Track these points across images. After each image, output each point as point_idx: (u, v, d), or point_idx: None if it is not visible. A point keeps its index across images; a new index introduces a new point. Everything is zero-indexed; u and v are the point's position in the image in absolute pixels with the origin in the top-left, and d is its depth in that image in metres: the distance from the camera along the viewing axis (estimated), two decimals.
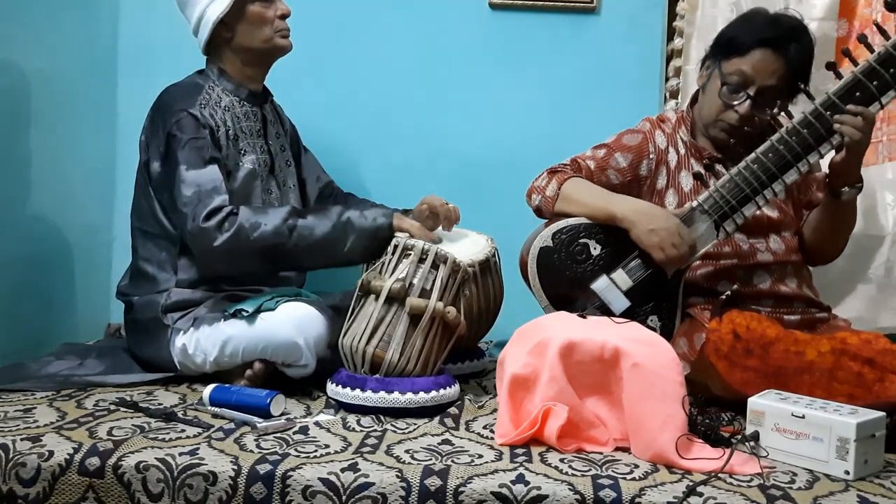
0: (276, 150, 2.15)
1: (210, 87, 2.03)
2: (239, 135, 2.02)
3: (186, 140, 1.91)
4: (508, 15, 2.56)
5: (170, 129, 1.92)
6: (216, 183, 1.89)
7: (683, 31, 2.46)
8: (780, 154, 1.80)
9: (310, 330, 1.85)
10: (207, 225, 1.84)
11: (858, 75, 1.74)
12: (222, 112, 2.00)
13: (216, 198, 1.87)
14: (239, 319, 1.86)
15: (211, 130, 1.94)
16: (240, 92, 2.07)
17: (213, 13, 1.98)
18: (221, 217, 1.85)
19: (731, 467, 1.41)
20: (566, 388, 1.55)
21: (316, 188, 2.30)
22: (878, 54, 1.73)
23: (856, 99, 1.75)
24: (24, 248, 2.14)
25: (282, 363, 1.88)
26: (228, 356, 1.88)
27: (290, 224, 1.87)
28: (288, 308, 1.87)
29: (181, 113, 1.93)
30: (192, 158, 1.90)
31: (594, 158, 2.02)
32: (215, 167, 1.92)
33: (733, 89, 1.90)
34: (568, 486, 1.33)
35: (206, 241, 1.85)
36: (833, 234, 2.02)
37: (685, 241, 1.82)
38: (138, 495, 1.39)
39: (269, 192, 2.08)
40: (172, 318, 1.93)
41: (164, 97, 2.01)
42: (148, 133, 2.01)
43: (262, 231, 1.85)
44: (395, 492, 1.34)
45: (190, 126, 1.92)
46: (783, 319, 1.86)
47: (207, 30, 2.00)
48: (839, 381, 1.59)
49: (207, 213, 1.85)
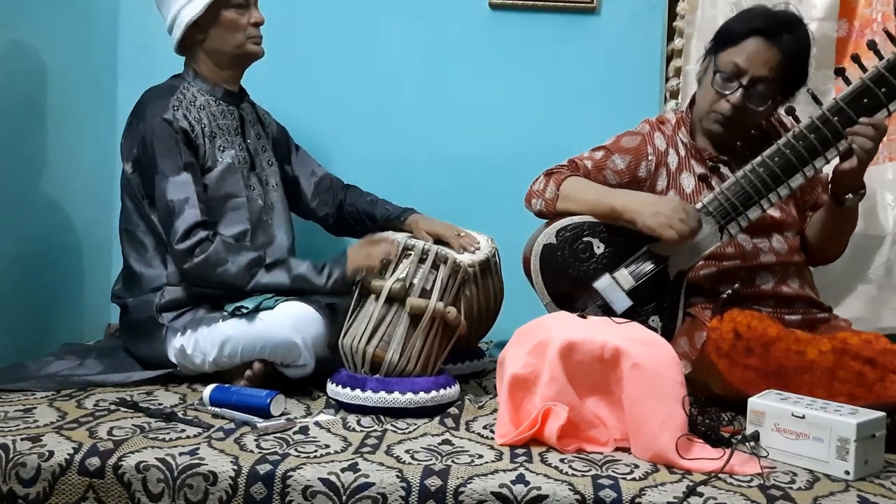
0: (255, 150, 2.15)
1: (185, 87, 2.05)
2: (216, 132, 2.03)
3: (160, 146, 1.93)
4: (508, 15, 2.55)
5: (143, 135, 1.95)
6: (189, 194, 1.92)
7: (683, 31, 2.46)
8: (787, 158, 1.79)
9: (308, 329, 1.85)
10: (180, 247, 1.89)
11: (867, 81, 1.73)
12: (197, 111, 2.01)
13: (188, 212, 1.90)
14: (238, 319, 1.87)
15: (185, 133, 1.96)
16: (215, 92, 2.09)
17: (187, 15, 2.01)
18: (195, 241, 1.89)
19: (731, 467, 1.41)
20: (566, 389, 1.55)
21: (311, 184, 2.30)
22: (887, 61, 1.72)
23: (863, 105, 1.74)
24: (24, 248, 2.14)
25: (280, 363, 1.88)
26: (227, 356, 1.88)
27: (252, 272, 1.91)
28: (286, 307, 1.87)
29: (155, 119, 1.95)
30: (166, 165, 1.93)
31: (592, 159, 2.02)
32: (189, 176, 1.94)
33: (726, 77, 1.90)
34: (568, 486, 1.33)
35: (179, 261, 1.92)
36: (834, 237, 2.02)
37: (691, 215, 1.81)
38: (138, 495, 1.39)
39: (250, 187, 2.08)
40: (167, 317, 1.93)
41: (140, 101, 2.04)
42: (126, 136, 2.04)
43: (226, 269, 1.89)
44: (396, 492, 1.34)
45: (163, 132, 1.94)
46: (784, 319, 1.85)
47: (180, 30, 2.04)
48: (840, 381, 1.59)
49: (183, 232, 1.89)
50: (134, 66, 2.56)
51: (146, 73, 2.20)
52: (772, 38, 1.86)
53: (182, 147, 1.94)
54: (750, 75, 1.87)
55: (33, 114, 2.20)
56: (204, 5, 2.00)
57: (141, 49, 2.56)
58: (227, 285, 1.91)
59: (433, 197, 2.40)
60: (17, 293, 2.11)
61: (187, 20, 2.01)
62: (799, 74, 1.91)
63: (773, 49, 1.86)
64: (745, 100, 1.88)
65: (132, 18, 2.57)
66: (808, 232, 2.03)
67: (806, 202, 2.04)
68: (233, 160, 2.04)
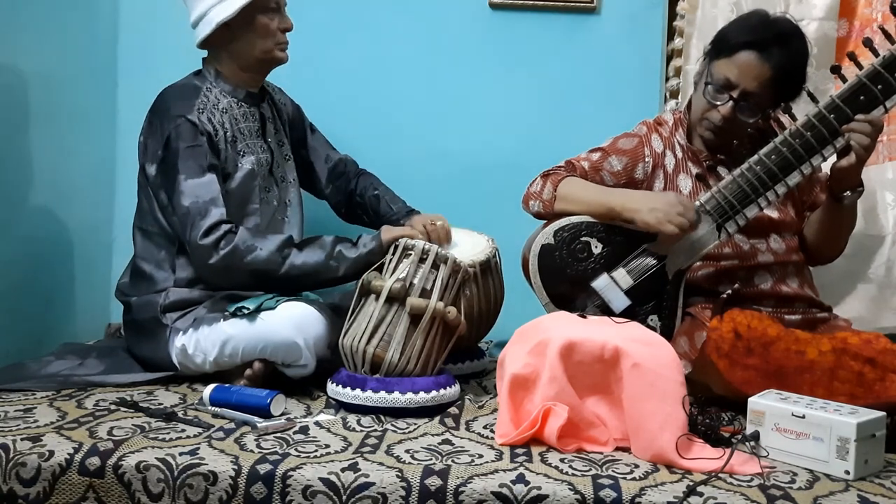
0: (275, 147, 2.15)
1: (208, 88, 2.03)
2: (237, 136, 2.02)
3: (184, 148, 1.92)
4: (508, 15, 2.56)
5: (168, 135, 1.93)
6: (213, 194, 1.91)
7: (684, 30, 2.46)
8: (783, 156, 1.80)
9: (309, 330, 1.85)
10: (204, 242, 1.87)
11: (863, 79, 1.73)
12: (220, 115, 2.00)
13: (213, 211, 1.89)
14: (239, 319, 1.86)
15: (209, 136, 1.94)
16: (237, 93, 2.07)
17: (218, 15, 1.97)
18: (219, 235, 1.88)
19: (731, 467, 1.41)
20: (566, 388, 1.55)
21: (325, 169, 2.31)
22: (883, 58, 1.72)
23: (860, 102, 1.74)
24: (24, 248, 2.14)
25: (281, 363, 1.88)
26: (228, 356, 1.88)
27: (285, 254, 1.90)
28: (288, 308, 1.87)
29: (179, 119, 1.93)
30: (190, 167, 1.91)
31: (589, 160, 2.02)
32: (213, 176, 1.93)
33: (717, 89, 1.90)
34: (568, 486, 1.33)
35: (202, 258, 1.89)
36: (834, 235, 2.01)
37: (688, 208, 1.81)
38: (139, 495, 1.39)
39: (267, 190, 2.08)
40: (171, 317, 1.93)
41: (162, 99, 2.01)
42: (146, 135, 2.01)
43: (256, 255, 1.88)
44: (396, 492, 1.34)
45: (188, 133, 1.93)
46: (784, 319, 1.85)
47: (208, 28, 1.99)
48: (840, 381, 1.59)
49: (206, 229, 1.87)
50: (134, 67, 2.56)
51: (146, 73, 2.21)
52: (764, 52, 1.85)
53: (206, 149, 1.93)
54: (741, 89, 1.87)
55: (32, 114, 2.19)
56: (238, 7, 1.96)
57: (141, 50, 2.56)
58: (259, 272, 1.90)
59: (433, 196, 2.40)
60: (17, 293, 2.11)
61: (218, 20, 1.97)
62: (792, 87, 1.89)
63: (765, 64, 1.85)
64: (735, 112, 1.89)
65: (132, 19, 2.57)
66: (806, 232, 2.04)
67: (804, 202, 2.04)
68: (252, 166, 2.03)
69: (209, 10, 1.99)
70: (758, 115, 1.90)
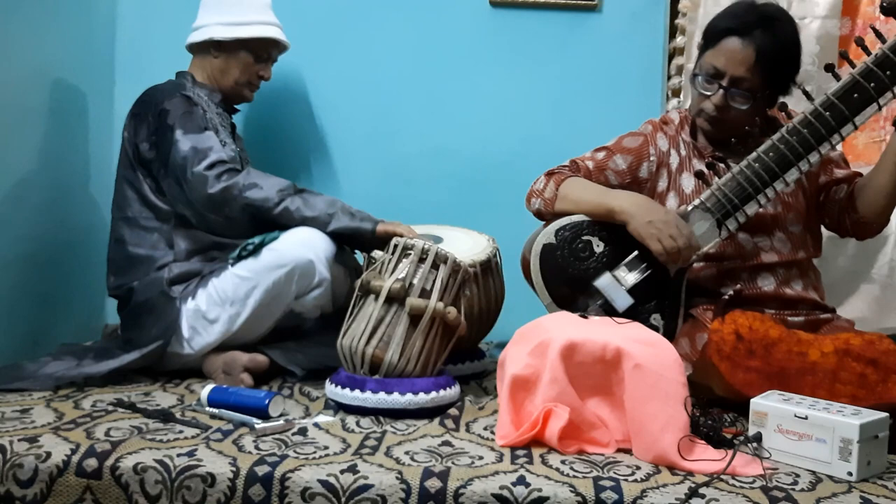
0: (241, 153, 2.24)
1: (189, 87, 2.12)
2: (219, 128, 2.08)
3: (181, 114, 1.99)
4: (509, 13, 2.55)
5: (162, 107, 1.99)
6: (214, 144, 1.96)
7: (685, 28, 2.45)
8: (781, 153, 1.80)
9: (318, 245, 1.92)
10: (208, 173, 1.93)
11: (856, 76, 1.74)
12: (205, 104, 2.09)
13: (217, 152, 1.94)
14: (246, 259, 1.91)
15: (202, 109, 2.03)
16: (213, 97, 2.16)
17: (215, 32, 2.11)
18: (223, 169, 1.94)
19: (733, 469, 1.40)
20: (567, 389, 1.54)
21: None
22: (875, 56, 1.73)
23: (854, 100, 1.75)
24: (22, 249, 2.14)
25: (297, 295, 1.93)
26: (243, 298, 1.92)
27: (283, 196, 1.94)
28: (291, 233, 1.93)
29: (173, 93, 2.02)
30: (188, 126, 1.98)
31: (593, 160, 2.01)
32: (212, 133, 1.99)
33: (706, 79, 1.90)
34: (569, 487, 1.32)
35: (201, 187, 1.93)
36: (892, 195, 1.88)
37: (683, 235, 1.80)
38: (136, 497, 1.38)
39: None
40: (177, 290, 1.96)
41: (146, 94, 2.08)
42: (135, 123, 2.06)
43: (254, 192, 1.93)
44: (395, 493, 1.33)
45: (182, 102, 2.01)
46: (787, 321, 1.84)
47: (200, 38, 2.13)
48: (842, 382, 1.58)
49: (209, 163, 1.93)
50: (131, 67, 2.57)
51: (144, 73, 2.21)
52: (746, 36, 1.85)
53: (202, 114, 2.01)
54: (728, 76, 1.87)
55: (32, 114, 2.19)
56: (233, 37, 2.10)
57: (138, 50, 2.56)
58: (253, 208, 1.94)
59: (433, 196, 2.40)
60: (15, 294, 2.11)
61: (211, 35, 2.11)
62: (782, 69, 1.88)
63: (748, 48, 1.84)
64: (727, 100, 1.88)
65: (129, 19, 2.58)
66: (859, 202, 1.93)
67: (820, 186, 1.99)
68: (234, 153, 2.07)
69: (211, 24, 2.12)
70: (750, 102, 1.88)
